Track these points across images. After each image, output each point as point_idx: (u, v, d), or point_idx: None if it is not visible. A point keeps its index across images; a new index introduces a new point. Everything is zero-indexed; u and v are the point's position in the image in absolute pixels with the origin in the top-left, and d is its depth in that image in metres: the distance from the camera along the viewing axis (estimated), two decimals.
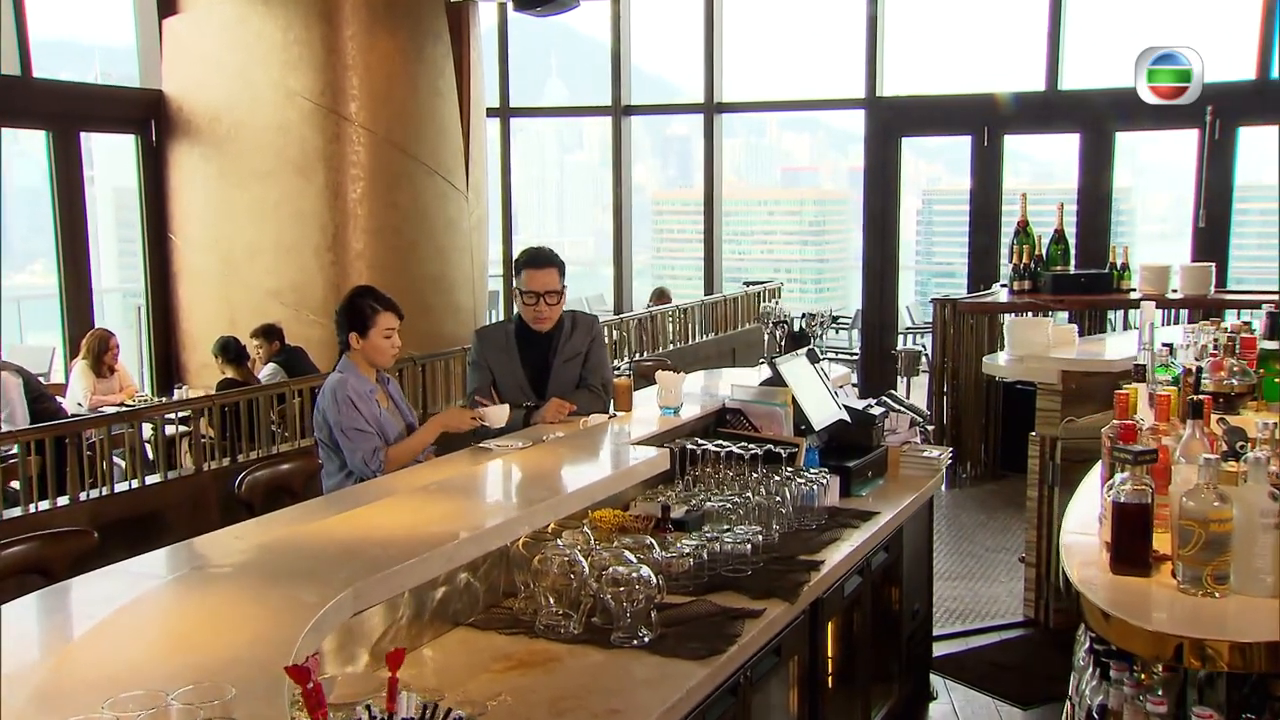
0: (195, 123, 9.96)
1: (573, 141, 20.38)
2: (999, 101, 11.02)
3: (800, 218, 19.87)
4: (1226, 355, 3.25)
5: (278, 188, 9.63)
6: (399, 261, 9.75)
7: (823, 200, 20.47)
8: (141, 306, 10.61)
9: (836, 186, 21.03)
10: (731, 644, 3.00)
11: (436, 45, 10.13)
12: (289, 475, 3.93)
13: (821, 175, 21.64)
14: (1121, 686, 2.21)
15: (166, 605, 2.39)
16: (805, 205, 20.06)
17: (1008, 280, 8.97)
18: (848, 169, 21.69)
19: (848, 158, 21.88)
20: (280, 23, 9.50)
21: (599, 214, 25.10)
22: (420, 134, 9.94)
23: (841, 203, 20.55)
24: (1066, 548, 2.63)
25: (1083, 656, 2.58)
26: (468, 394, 4.84)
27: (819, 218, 20.09)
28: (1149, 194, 16.91)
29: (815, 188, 21.12)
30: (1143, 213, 17.27)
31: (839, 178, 21.46)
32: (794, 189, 20.81)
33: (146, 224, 10.32)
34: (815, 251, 19.94)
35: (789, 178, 21.39)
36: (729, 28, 12.29)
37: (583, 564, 3.07)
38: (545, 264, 4.67)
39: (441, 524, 2.98)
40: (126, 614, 2.30)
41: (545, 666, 2.87)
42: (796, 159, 21.09)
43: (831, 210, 20.24)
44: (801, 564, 3.61)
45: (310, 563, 2.68)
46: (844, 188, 21.04)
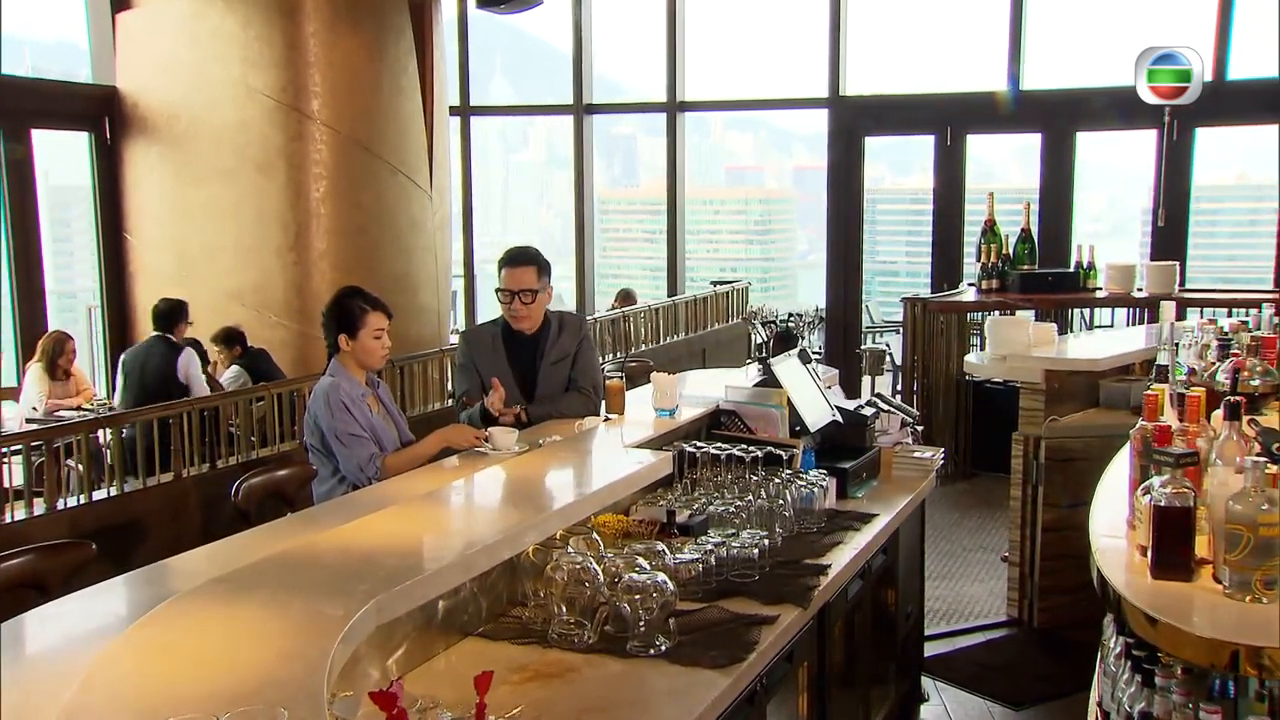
0: (152, 120, 9.74)
1: (518, 141, 20.27)
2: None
3: (746, 217, 19.94)
4: (1249, 355, 3.25)
5: (238, 186, 9.44)
6: (363, 262, 9.60)
7: (768, 199, 20.56)
8: (95, 308, 10.37)
9: (780, 186, 21.12)
10: (750, 651, 2.94)
11: (400, 42, 9.99)
12: (284, 481, 3.82)
13: (765, 174, 21.72)
14: (1169, 694, 2.18)
15: (186, 620, 2.29)
16: (750, 204, 20.13)
17: (975, 279, 9.01)
18: (791, 168, 21.81)
19: (791, 157, 21.99)
20: (240, 18, 9.31)
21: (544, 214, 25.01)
22: (384, 132, 9.79)
23: (786, 202, 20.65)
24: (1100, 552, 2.60)
25: (1113, 662, 2.55)
26: (456, 397, 4.76)
27: (764, 217, 20.18)
28: (1084, 193, 17.22)
29: (760, 187, 21.19)
30: (1080, 212, 17.59)
31: (783, 177, 21.55)
32: (739, 188, 20.87)
33: (101, 223, 10.08)
34: (761, 250, 20.02)
35: (733, 177, 21.43)
36: (690, 27, 12.25)
37: (597, 571, 3.00)
38: (523, 262, 4.66)
39: (454, 532, 2.91)
40: (145, 630, 2.20)
41: (564, 678, 2.80)
42: (741, 158, 21.12)
43: (776, 209, 20.34)
44: (808, 568, 3.56)
45: (326, 574, 2.59)
46: (788, 187, 21.15)
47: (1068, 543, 5.63)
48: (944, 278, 11.09)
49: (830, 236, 11.88)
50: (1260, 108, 10.14)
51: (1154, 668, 2.23)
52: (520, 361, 4.69)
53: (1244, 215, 12.94)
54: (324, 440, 4.09)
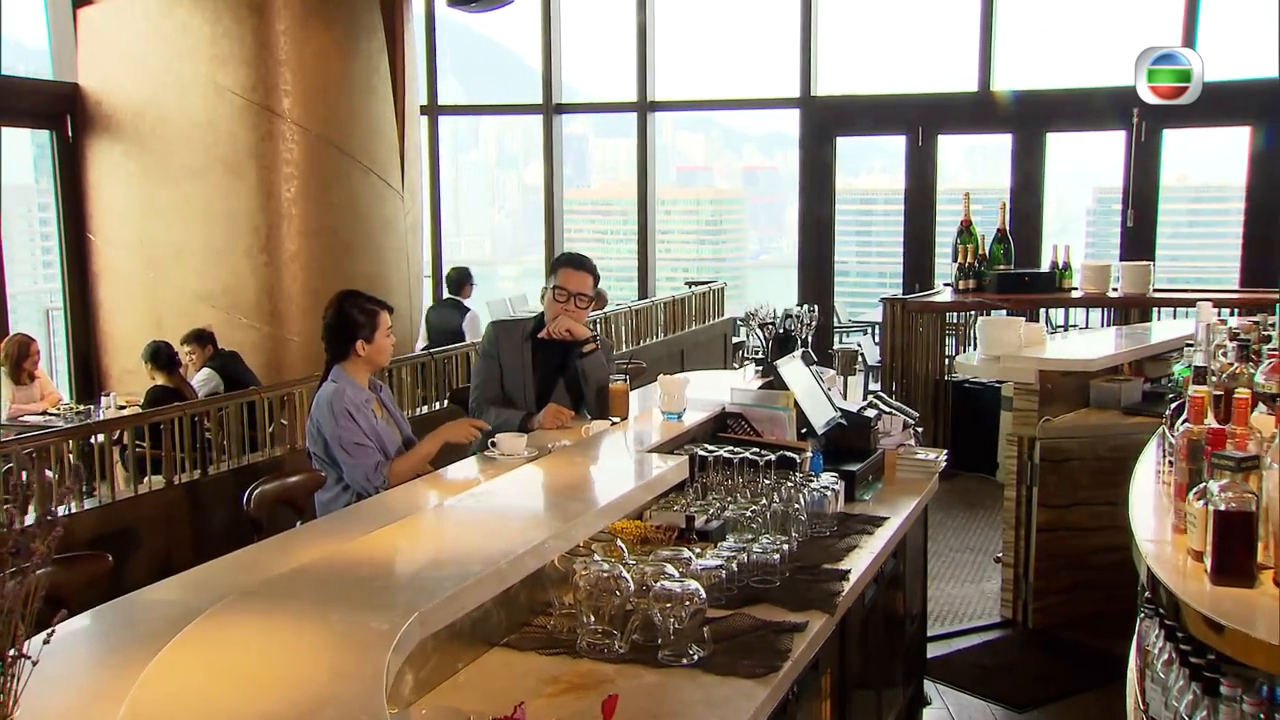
0: (116, 118, 9.54)
1: (468, 141, 20.18)
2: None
3: (697, 217, 19.95)
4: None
5: (207, 186, 9.27)
6: (334, 263, 9.46)
7: (719, 200, 20.60)
8: (58, 310, 10.15)
9: (731, 186, 21.17)
10: (785, 659, 2.89)
11: (371, 40, 9.86)
12: (295, 489, 3.72)
13: (715, 175, 21.77)
14: (1236, 703, 2.14)
15: (225, 635, 2.19)
16: (702, 205, 20.14)
17: (951, 279, 9.02)
18: (741, 168, 21.87)
19: (742, 157, 22.04)
20: (208, 15, 9.14)
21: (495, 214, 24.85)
22: (355, 131, 9.65)
23: (737, 202, 20.71)
24: (1151, 557, 2.57)
25: (1161, 669, 2.52)
26: (474, 386, 4.69)
27: (715, 217, 20.22)
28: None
29: (710, 187, 21.23)
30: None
31: (733, 177, 21.61)
32: (690, 188, 20.92)
33: (64, 223, 9.87)
34: (712, 250, 20.06)
35: (684, 177, 21.46)
36: (661, 26, 12.19)
37: (627, 579, 2.93)
38: (585, 268, 4.76)
39: (486, 541, 2.83)
40: (186, 647, 2.11)
41: (600, 689, 2.72)
42: (691, 158, 21.15)
43: (727, 210, 20.39)
44: (828, 573, 3.52)
45: (361, 586, 2.50)
46: (738, 187, 21.21)
47: (1062, 543, 5.65)
48: (915, 278, 11.12)
49: (802, 236, 11.87)
50: (1226, 111, 10.25)
51: (1217, 676, 2.20)
52: (545, 364, 4.66)
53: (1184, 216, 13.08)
54: (327, 449, 3.99)
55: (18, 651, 1.73)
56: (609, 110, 13.82)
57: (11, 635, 1.72)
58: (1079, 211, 14.33)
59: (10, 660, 1.72)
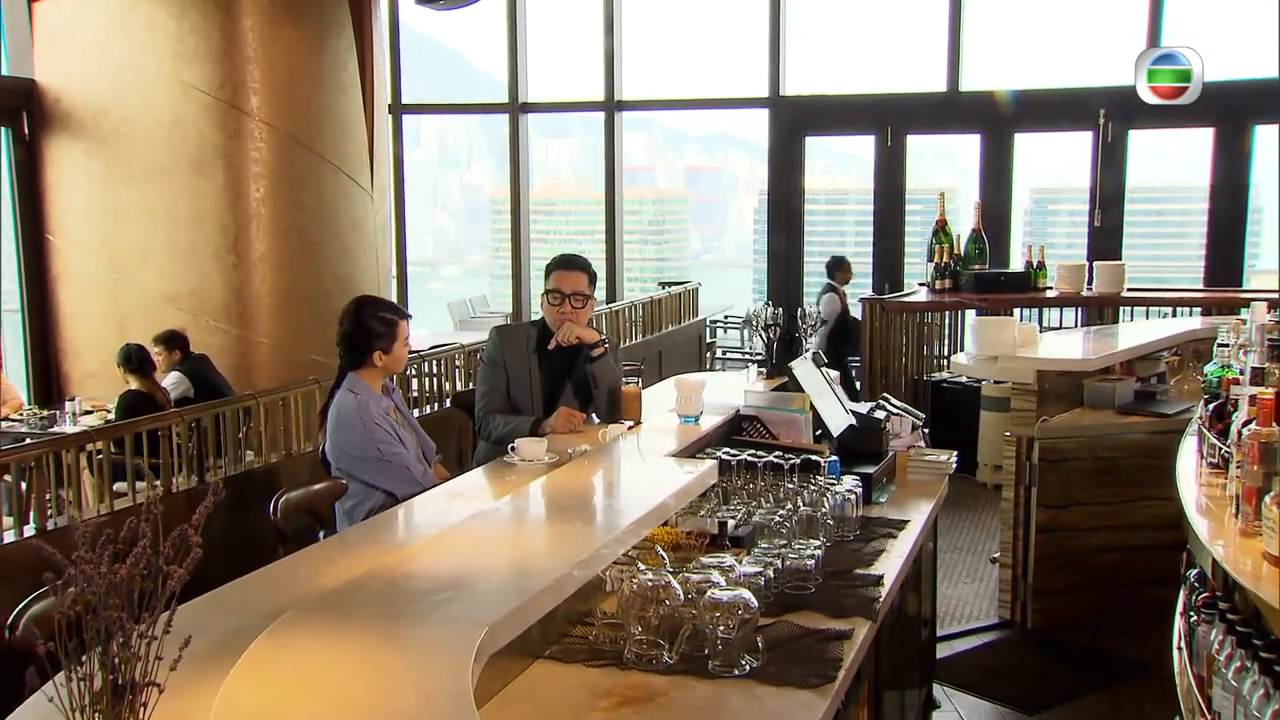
0: (77, 116, 9.30)
1: (410, 140, 20.09)
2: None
3: (640, 217, 20.00)
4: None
5: (172, 186, 9.05)
6: (304, 264, 9.29)
7: (661, 200, 20.68)
8: (14, 313, 9.87)
9: (673, 186, 21.21)
10: (838, 669, 2.83)
11: (340, 38, 9.68)
12: (318, 497, 3.60)
13: (657, 175, 21.83)
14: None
15: (294, 652, 2.09)
16: (645, 205, 20.20)
17: (927, 279, 9.02)
18: (684, 168, 21.92)
19: (684, 157, 22.10)
20: (173, 11, 8.93)
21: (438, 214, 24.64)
22: (324, 130, 9.48)
23: (680, 202, 20.77)
24: (1227, 561, 2.54)
25: (1231, 677, 2.48)
26: (480, 394, 4.59)
27: (658, 217, 20.28)
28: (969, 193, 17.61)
29: (652, 187, 21.30)
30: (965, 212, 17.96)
31: (675, 177, 21.66)
32: (632, 188, 21.01)
33: (20, 223, 9.60)
34: (656, 250, 20.12)
35: (627, 177, 21.55)
36: (627, 26, 12.12)
37: (676, 588, 2.86)
38: (576, 267, 4.68)
39: (538, 552, 2.75)
40: (257, 665, 2.00)
41: (655, 702, 2.64)
42: (633, 159, 21.19)
43: (670, 210, 20.44)
44: (862, 579, 3.46)
45: (421, 600, 2.41)
46: (680, 187, 21.25)
47: (1060, 543, 5.64)
48: (887, 278, 11.14)
49: (770, 236, 11.85)
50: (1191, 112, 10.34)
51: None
52: (551, 369, 4.57)
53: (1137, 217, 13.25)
54: (352, 462, 3.89)
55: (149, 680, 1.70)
56: (576, 110, 13.73)
57: (147, 667, 1.70)
58: (1018, 211, 14.48)
59: (143, 687, 1.70)
